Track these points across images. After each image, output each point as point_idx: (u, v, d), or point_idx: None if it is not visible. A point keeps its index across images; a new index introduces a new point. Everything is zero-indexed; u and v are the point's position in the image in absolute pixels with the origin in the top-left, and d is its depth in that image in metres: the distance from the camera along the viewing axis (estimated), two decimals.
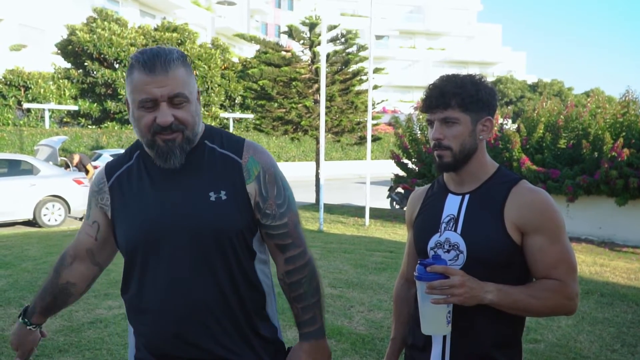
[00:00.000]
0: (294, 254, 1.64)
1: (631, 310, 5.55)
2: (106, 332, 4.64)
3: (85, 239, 1.71)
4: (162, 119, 1.46)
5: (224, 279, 1.55)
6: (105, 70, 23.66)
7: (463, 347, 1.61)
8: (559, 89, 46.59)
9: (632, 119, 9.61)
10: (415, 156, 12.62)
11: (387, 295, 5.89)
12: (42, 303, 1.76)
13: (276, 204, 1.61)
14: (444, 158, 1.62)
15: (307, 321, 1.65)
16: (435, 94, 1.61)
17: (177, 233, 1.53)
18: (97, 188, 1.67)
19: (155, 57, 1.45)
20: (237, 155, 1.59)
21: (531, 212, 1.56)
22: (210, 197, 1.53)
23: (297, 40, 17.68)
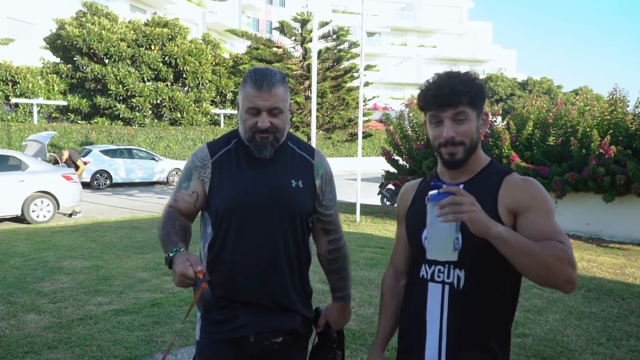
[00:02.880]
0: (335, 238, 2.16)
1: (617, 304, 5.62)
2: (96, 329, 4.63)
3: (185, 205, 2.04)
4: (262, 124, 1.92)
5: (293, 244, 2.01)
6: (95, 65, 23.49)
7: (462, 335, 1.64)
8: (549, 87, 46.85)
9: (620, 117, 9.69)
10: (406, 153, 12.66)
11: (378, 290, 5.92)
12: (180, 237, 1.90)
13: (329, 199, 2.12)
14: (456, 155, 1.65)
15: (340, 288, 2.19)
16: (446, 92, 1.63)
17: (267, 204, 1.96)
18: (201, 163, 2.04)
19: (264, 77, 1.91)
20: (310, 157, 2.10)
21: (523, 194, 1.62)
22: (292, 183, 2.01)
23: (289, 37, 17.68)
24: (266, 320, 1.99)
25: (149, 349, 4.21)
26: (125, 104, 24.17)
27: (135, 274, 6.54)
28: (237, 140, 2.06)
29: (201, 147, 2.09)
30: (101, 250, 7.99)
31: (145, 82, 24.64)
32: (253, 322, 1.97)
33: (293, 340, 2.04)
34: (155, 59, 24.49)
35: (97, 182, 18.76)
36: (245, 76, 1.95)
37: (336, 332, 2.19)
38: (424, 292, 1.71)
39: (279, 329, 2.00)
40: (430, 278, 1.70)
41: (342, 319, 2.20)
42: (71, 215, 12.04)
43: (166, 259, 1.86)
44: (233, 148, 2.05)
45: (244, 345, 1.98)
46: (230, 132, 2.12)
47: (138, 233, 9.58)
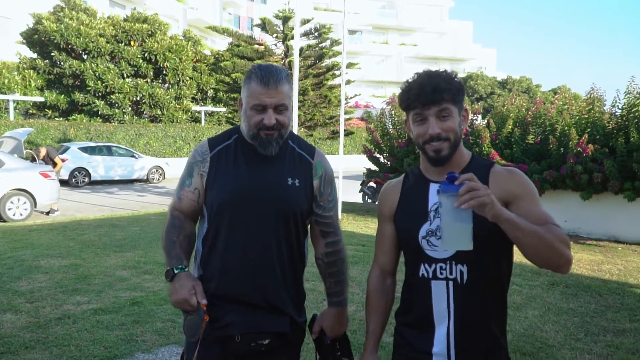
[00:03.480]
0: (333, 240, 2.11)
1: (594, 300, 5.71)
2: (74, 328, 4.57)
3: (189, 203, 2.04)
4: (268, 120, 1.91)
5: (286, 243, 1.99)
6: (73, 61, 23.19)
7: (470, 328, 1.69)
8: (528, 86, 47.39)
9: (597, 115, 9.83)
10: (387, 151, 12.70)
11: (359, 288, 5.94)
12: (183, 251, 1.98)
13: (328, 200, 2.09)
14: (442, 151, 1.70)
15: (337, 292, 2.14)
16: (429, 90, 1.67)
17: (262, 200, 1.95)
18: (201, 158, 2.04)
19: (270, 74, 1.91)
20: (310, 156, 2.08)
21: (511, 184, 1.70)
22: (287, 181, 1.99)
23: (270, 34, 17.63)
24: (254, 320, 1.96)
25: (128, 349, 4.17)
26: (104, 100, 23.91)
27: (114, 273, 6.47)
28: (237, 136, 2.07)
29: (202, 142, 2.10)
30: (80, 248, 7.90)
31: (125, 78, 24.40)
32: (240, 322, 1.95)
33: (281, 343, 2.00)
34: (134, 55, 24.26)
35: (75, 180, 18.54)
36: (250, 73, 1.96)
37: (339, 338, 2.13)
38: (427, 290, 1.73)
39: (266, 330, 1.96)
40: (432, 276, 1.72)
41: (339, 325, 2.13)
42: (49, 214, 11.88)
43: (168, 272, 1.93)
44: (233, 144, 2.05)
45: (230, 345, 1.95)
46: (232, 128, 2.13)
47: (117, 231, 9.48)
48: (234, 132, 2.09)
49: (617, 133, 9.35)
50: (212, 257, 2.00)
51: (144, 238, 8.79)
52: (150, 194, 17.00)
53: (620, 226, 9.48)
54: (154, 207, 13.57)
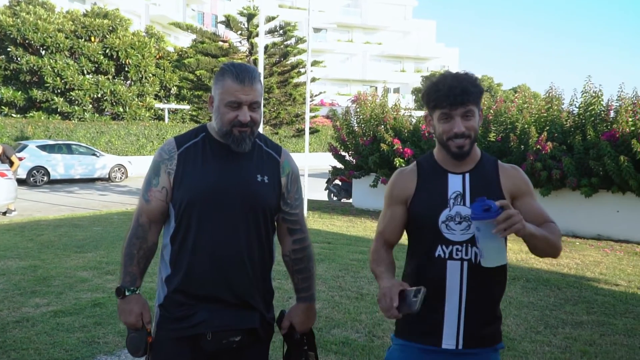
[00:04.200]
0: (300, 237, 2.16)
1: (553, 294, 5.86)
2: (33, 331, 4.46)
3: (158, 204, 2.02)
4: (243, 117, 1.94)
5: (256, 239, 2.02)
6: (30, 57, 22.61)
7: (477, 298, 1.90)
8: (489, 85, 48.24)
9: (555, 114, 10.09)
10: (353, 149, 12.77)
11: (325, 285, 5.96)
12: (139, 269, 2.04)
13: (294, 198, 2.13)
14: (465, 147, 1.88)
15: (304, 288, 2.19)
16: (458, 92, 1.84)
17: (232, 196, 1.97)
18: (168, 156, 2.02)
19: (245, 72, 1.95)
20: (277, 155, 2.11)
21: (519, 180, 1.97)
22: (257, 178, 2.02)
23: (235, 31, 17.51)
24: (225, 318, 1.97)
25: (90, 351, 4.09)
26: (64, 97, 23.38)
27: (75, 274, 6.34)
28: (204, 134, 2.07)
29: (168, 140, 2.08)
30: (38, 249, 7.71)
31: (85, 75, 23.91)
32: (211, 319, 1.96)
33: (252, 340, 2.04)
34: (95, 51, 23.78)
35: (33, 179, 18.08)
36: (223, 70, 1.98)
37: (306, 333, 2.18)
38: (443, 269, 1.90)
39: (237, 327, 1.99)
40: (448, 257, 1.90)
41: (307, 320, 2.18)
42: (5, 214, 11.55)
43: (119, 290, 2.02)
44: (200, 142, 2.05)
45: (202, 343, 1.96)
46: (198, 127, 2.13)
47: (78, 231, 9.29)
48: (201, 130, 2.09)
49: (574, 131, 9.62)
50: (181, 254, 1.99)
51: (106, 238, 8.64)
52: (112, 193, 16.70)
53: (577, 222, 9.75)
54: (116, 206, 13.34)
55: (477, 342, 1.92)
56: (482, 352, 1.94)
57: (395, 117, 12.18)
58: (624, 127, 8.89)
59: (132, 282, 2.02)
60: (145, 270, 2.08)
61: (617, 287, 6.25)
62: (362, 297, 5.56)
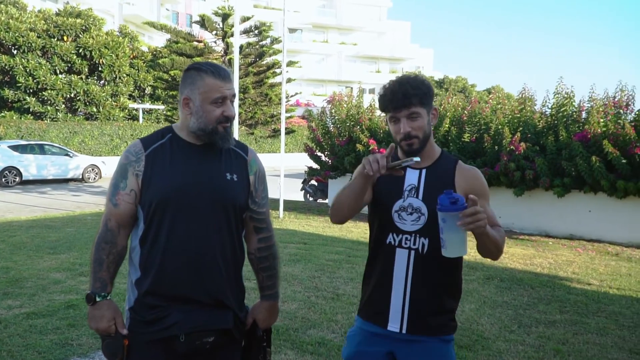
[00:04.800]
0: (266, 236, 2.17)
1: (527, 293, 5.95)
2: (6, 333, 4.38)
3: (127, 207, 1.99)
4: (229, 112, 1.99)
5: (228, 238, 2.02)
6: (2, 56, 22.17)
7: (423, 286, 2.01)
8: (464, 86, 48.76)
9: (528, 114, 10.25)
10: (329, 149, 12.80)
11: (302, 286, 5.96)
12: (109, 274, 2.01)
13: (261, 197, 2.15)
14: (413, 146, 2.01)
15: (269, 286, 2.20)
16: (399, 96, 1.98)
17: (202, 194, 1.97)
18: (135, 158, 2.00)
19: (220, 68, 2.00)
20: (244, 153, 2.13)
21: (475, 182, 2.06)
22: (227, 176, 2.03)
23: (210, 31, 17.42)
24: (198, 319, 1.96)
25: (63, 353, 4.03)
26: (36, 97, 22.98)
27: (48, 275, 6.24)
28: (171, 135, 2.06)
29: (134, 142, 2.06)
30: (10, 250, 7.56)
31: (58, 74, 23.53)
32: (184, 321, 1.95)
33: (226, 340, 2.04)
34: (68, 50, 23.42)
35: (5, 180, 17.73)
36: (197, 70, 1.99)
37: (264, 330, 2.20)
38: (392, 256, 2.04)
39: (210, 328, 1.98)
40: (398, 244, 2.03)
41: (270, 318, 2.20)
42: None
43: (89, 297, 1.99)
44: (167, 142, 2.04)
45: (175, 345, 1.95)
46: (164, 128, 2.12)
47: (51, 232, 9.14)
48: (167, 131, 2.09)
49: (547, 132, 9.78)
50: (152, 256, 1.97)
51: (80, 239, 8.52)
52: (85, 193, 16.46)
53: (550, 221, 9.92)
54: (89, 207, 13.15)
55: (421, 330, 2.01)
56: (427, 340, 2.02)
57: (370, 118, 12.25)
58: (596, 128, 9.07)
59: (103, 288, 1.99)
60: (115, 274, 2.05)
61: (589, 286, 6.36)
62: (338, 298, 5.58)
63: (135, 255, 2.02)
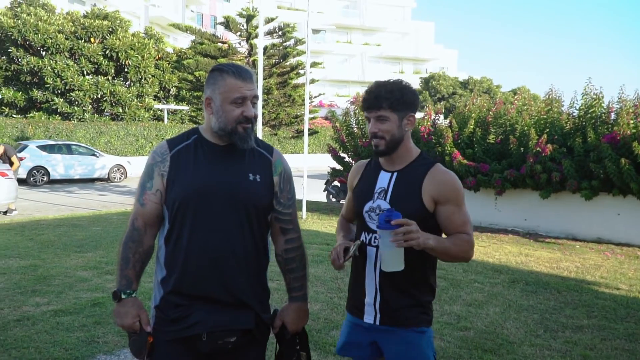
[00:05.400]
0: (293, 237, 2.18)
1: (553, 297, 5.85)
2: (34, 330, 4.46)
3: (153, 207, 2.03)
4: (249, 112, 1.99)
5: (249, 239, 2.02)
6: (31, 58, 22.58)
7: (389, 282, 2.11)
8: (488, 86, 48.22)
9: (555, 116, 10.09)
10: (352, 150, 12.76)
11: (324, 287, 5.95)
12: (135, 272, 2.05)
13: (287, 197, 2.15)
14: (379, 146, 2.14)
15: (296, 288, 2.20)
16: (371, 98, 2.11)
17: (224, 195, 1.98)
18: (161, 158, 2.04)
19: (242, 69, 2.01)
20: (269, 154, 2.13)
21: (444, 187, 2.10)
22: (249, 177, 2.04)
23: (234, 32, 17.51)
24: (220, 318, 1.97)
25: (89, 350, 4.09)
26: (64, 98, 23.36)
27: (75, 273, 6.34)
28: (196, 136, 2.08)
29: (161, 143, 2.11)
30: (39, 249, 7.70)
31: (85, 75, 23.88)
32: (206, 320, 1.96)
33: (248, 341, 2.04)
34: (95, 52, 23.77)
35: (34, 179, 18.06)
36: (219, 71, 2.02)
37: (297, 333, 2.19)
38: (364, 253, 2.17)
39: (233, 328, 1.99)
40: (368, 242, 2.16)
41: (299, 320, 2.19)
42: (6, 213, 11.54)
43: (115, 294, 2.03)
44: (192, 143, 2.06)
45: (197, 344, 1.96)
46: (190, 130, 2.14)
47: (78, 231, 9.28)
48: (193, 132, 2.11)
49: (574, 133, 9.61)
50: (176, 255, 1.99)
51: (106, 238, 8.63)
52: (111, 193, 16.69)
53: (577, 224, 9.75)
54: (115, 206, 13.32)
55: (391, 321, 2.14)
56: (398, 331, 2.13)
57: None
58: (625, 130, 8.89)
59: (128, 285, 2.02)
60: (142, 273, 2.09)
61: (618, 291, 6.24)
62: None
63: (161, 255, 2.05)
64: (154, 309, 2.06)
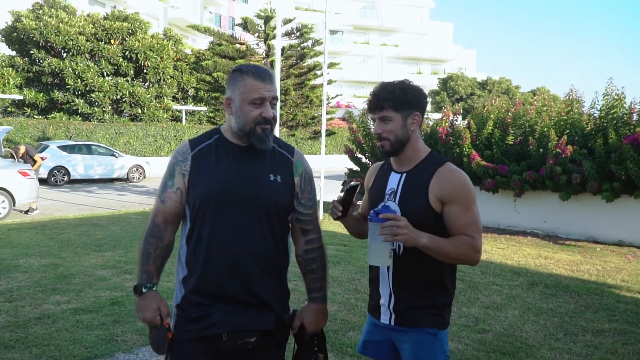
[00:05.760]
0: (313, 238, 2.18)
1: (573, 300, 5.78)
2: (54, 328, 4.52)
3: (173, 205, 2.06)
4: (268, 113, 1.99)
5: (269, 239, 2.02)
6: (52, 59, 22.91)
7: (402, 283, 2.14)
8: (507, 87, 47.81)
9: (576, 117, 9.96)
10: (369, 151, 12.72)
11: (341, 288, 5.95)
12: (155, 267, 2.08)
13: (308, 198, 2.16)
14: (385, 147, 2.15)
15: (316, 289, 2.19)
16: (373, 99, 2.14)
17: (244, 195, 1.99)
18: (182, 157, 2.06)
19: (263, 70, 2.02)
20: (290, 155, 2.14)
21: (450, 187, 2.06)
22: (270, 177, 2.04)
23: (252, 33, 17.57)
24: (240, 318, 1.98)
25: (109, 348, 4.13)
26: (84, 98, 23.65)
27: (94, 272, 6.41)
28: (218, 136, 2.10)
29: (183, 142, 2.13)
30: (59, 247, 7.80)
31: (105, 77, 24.16)
32: (227, 320, 1.97)
33: (268, 342, 2.04)
34: (115, 53, 24.03)
35: (54, 179, 18.31)
36: (239, 71, 2.03)
37: (316, 334, 2.18)
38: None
39: (253, 328, 1.99)
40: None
41: (317, 321, 2.18)
42: (27, 212, 11.71)
43: (136, 288, 2.05)
44: (213, 143, 2.08)
45: (218, 344, 1.97)
46: (212, 129, 2.16)
47: (97, 230, 9.39)
48: (215, 132, 2.13)
49: (595, 134, 9.48)
50: (196, 255, 2.01)
51: (124, 237, 8.72)
52: (130, 193, 16.84)
53: (598, 227, 9.61)
54: (134, 206, 13.45)
55: (404, 322, 2.15)
56: (411, 331, 2.13)
57: None
58: None
59: (149, 280, 2.05)
60: (162, 268, 2.11)
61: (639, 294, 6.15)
62: None
63: (182, 254, 2.07)
64: (175, 307, 2.07)
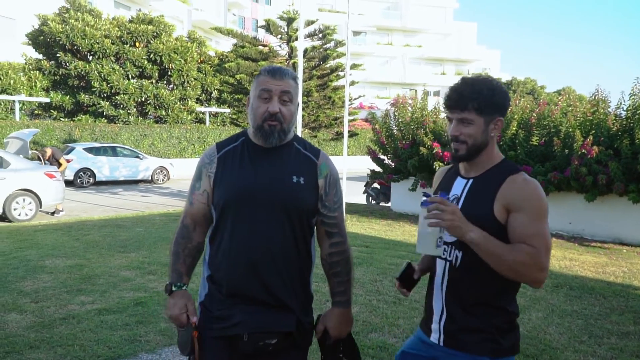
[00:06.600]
0: (338, 241, 2.15)
1: (598, 303, 5.69)
2: (79, 328, 4.59)
3: (200, 206, 2.10)
4: (272, 108, 1.98)
5: (291, 241, 2.02)
6: (78, 62, 23.27)
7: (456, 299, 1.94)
8: (532, 87, 47.27)
9: (602, 117, 9.79)
10: (392, 152, 12.69)
11: (363, 289, 5.93)
12: (185, 267, 2.12)
13: (333, 201, 2.12)
14: (459, 151, 1.94)
15: (340, 292, 2.16)
16: (455, 97, 1.89)
17: (267, 197, 1.99)
18: (209, 160, 2.11)
19: (277, 68, 2.03)
20: (315, 157, 2.12)
21: (518, 194, 1.83)
22: (292, 179, 2.03)
23: (275, 35, 17.63)
24: (261, 320, 1.99)
25: (132, 349, 4.18)
26: (109, 101, 23.98)
27: (118, 273, 6.49)
28: (244, 138, 2.13)
29: (212, 145, 2.17)
30: (84, 248, 7.92)
31: (130, 79, 24.47)
32: (248, 321, 1.99)
33: (288, 344, 2.03)
34: (140, 56, 24.32)
35: (80, 180, 18.59)
36: (259, 73, 2.08)
37: (342, 339, 2.15)
38: (435, 266, 2.04)
39: (274, 330, 1.99)
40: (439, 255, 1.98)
41: (341, 325, 2.15)
42: (54, 214, 11.92)
43: (167, 287, 2.10)
44: (239, 145, 2.12)
45: (238, 344, 1.99)
46: (240, 132, 2.20)
47: (122, 231, 9.51)
48: (242, 134, 2.16)
49: (622, 135, 9.31)
50: (218, 255, 2.04)
51: (148, 238, 8.81)
52: (154, 194, 17.03)
53: (624, 228, 9.44)
54: (158, 207, 13.59)
55: (454, 344, 1.94)
56: (460, 355, 1.92)
57: (435, 121, 12.06)
58: None
59: (179, 278, 2.09)
60: (192, 268, 2.15)
61: None
62: (400, 302, 5.52)
63: (206, 253, 2.13)
64: (200, 305, 2.12)
